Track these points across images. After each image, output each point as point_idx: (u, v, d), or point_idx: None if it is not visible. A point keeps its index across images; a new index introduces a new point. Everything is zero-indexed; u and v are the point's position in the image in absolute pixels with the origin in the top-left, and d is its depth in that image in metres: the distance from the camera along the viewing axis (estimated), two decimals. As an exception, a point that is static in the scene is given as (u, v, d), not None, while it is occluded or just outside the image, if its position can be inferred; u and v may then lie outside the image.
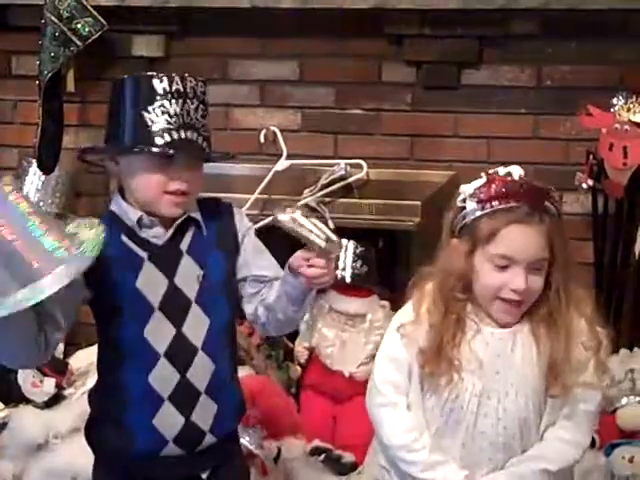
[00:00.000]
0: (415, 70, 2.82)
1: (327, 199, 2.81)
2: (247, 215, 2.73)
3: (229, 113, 2.94)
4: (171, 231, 1.71)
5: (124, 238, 1.70)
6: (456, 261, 1.67)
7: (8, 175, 1.69)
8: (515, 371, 1.67)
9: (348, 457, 2.53)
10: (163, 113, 1.64)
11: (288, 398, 2.67)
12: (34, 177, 2.91)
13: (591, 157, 2.63)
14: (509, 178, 1.67)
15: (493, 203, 1.64)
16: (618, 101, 2.57)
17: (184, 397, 1.71)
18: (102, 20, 2.76)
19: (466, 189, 1.68)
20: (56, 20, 2.77)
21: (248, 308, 1.78)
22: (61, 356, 2.74)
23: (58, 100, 2.85)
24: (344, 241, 2.72)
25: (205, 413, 1.73)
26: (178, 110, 1.65)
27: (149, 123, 1.64)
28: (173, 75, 1.67)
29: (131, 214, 1.70)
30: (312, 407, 2.70)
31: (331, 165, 2.82)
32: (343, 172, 2.81)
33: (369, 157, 2.83)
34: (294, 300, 1.69)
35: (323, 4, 2.72)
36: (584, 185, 2.63)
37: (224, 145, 2.91)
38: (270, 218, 2.63)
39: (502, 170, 1.70)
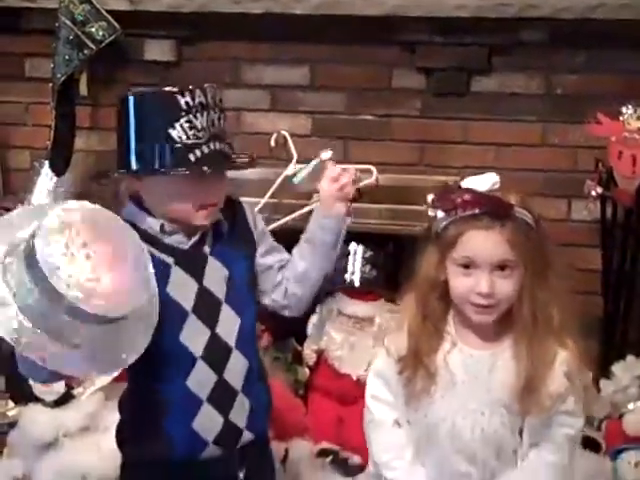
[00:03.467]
0: (425, 77, 2.84)
1: (337, 203, 2.81)
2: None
3: (241, 117, 2.96)
4: (197, 237, 1.71)
5: (146, 246, 1.64)
6: (429, 269, 1.70)
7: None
8: (492, 393, 1.67)
9: (355, 459, 2.54)
10: (191, 128, 1.63)
11: (296, 400, 2.69)
12: (45, 178, 2.94)
13: (600, 165, 2.64)
14: (472, 188, 1.70)
15: (458, 211, 1.66)
16: (627, 110, 2.58)
17: (222, 397, 1.72)
18: (116, 24, 2.79)
19: (430, 198, 1.72)
20: (70, 24, 2.79)
21: (277, 295, 1.80)
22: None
23: (71, 103, 2.88)
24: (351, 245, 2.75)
25: (241, 411, 1.74)
26: (205, 123, 1.64)
27: (177, 140, 1.62)
28: (194, 88, 1.65)
29: (152, 223, 1.69)
30: (320, 409, 2.71)
31: (341, 170, 2.84)
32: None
33: (379, 162, 2.84)
34: (330, 233, 1.77)
35: (335, 11, 2.73)
36: (593, 193, 2.64)
37: (235, 148, 2.95)
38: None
39: (467, 180, 1.73)
